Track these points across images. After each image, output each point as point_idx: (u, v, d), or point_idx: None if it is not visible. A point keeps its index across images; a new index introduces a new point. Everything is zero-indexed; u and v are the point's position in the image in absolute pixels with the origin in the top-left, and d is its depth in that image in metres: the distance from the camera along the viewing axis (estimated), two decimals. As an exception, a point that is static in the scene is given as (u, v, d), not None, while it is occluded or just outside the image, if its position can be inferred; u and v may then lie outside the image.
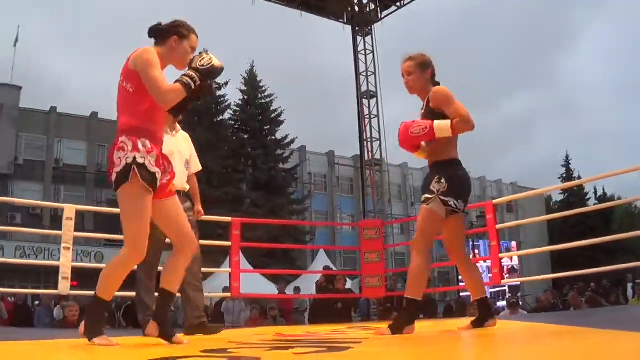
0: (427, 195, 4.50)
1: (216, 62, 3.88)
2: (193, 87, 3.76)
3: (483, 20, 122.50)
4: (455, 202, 4.49)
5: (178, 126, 6.09)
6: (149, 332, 3.86)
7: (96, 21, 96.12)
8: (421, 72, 4.67)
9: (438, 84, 4.69)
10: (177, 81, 3.77)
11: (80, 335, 3.83)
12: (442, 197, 4.43)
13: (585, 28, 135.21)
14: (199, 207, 6.23)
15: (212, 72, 3.88)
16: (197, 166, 6.24)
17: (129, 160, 3.57)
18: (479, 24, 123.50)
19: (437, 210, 4.46)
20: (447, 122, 4.36)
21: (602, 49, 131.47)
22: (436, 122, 4.38)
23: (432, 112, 4.51)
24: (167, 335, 3.81)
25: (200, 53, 3.95)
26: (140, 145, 3.61)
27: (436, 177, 4.49)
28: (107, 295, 3.65)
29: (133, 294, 5.98)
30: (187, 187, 6.01)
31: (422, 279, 4.49)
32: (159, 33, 3.96)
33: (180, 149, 5.91)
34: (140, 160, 3.58)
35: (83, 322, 3.89)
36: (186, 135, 6.22)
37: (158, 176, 3.66)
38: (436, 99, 4.51)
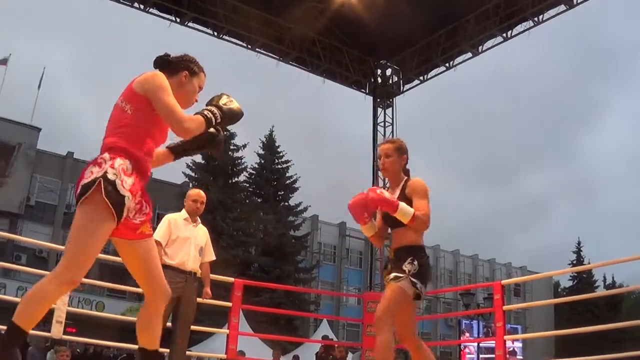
0: (397, 274, 4.52)
1: (236, 106, 3.66)
2: (213, 123, 3.51)
3: (506, 95, 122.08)
4: (422, 285, 4.51)
5: (199, 219, 7.01)
6: None
7: (118, 71, 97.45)
8: (399, 157, 4.84)
9: (408, 171, 4.89)
10: (197, 114, 3.50)
11: None
12: (412, 278, 4.46)
13: (611, 102, 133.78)
14: (207, 289, 7.19)
15: (233, 114, 3.63)
16: (210, 256, 7.10)
17: (99, 175, 3.13)
18: (501, 98, 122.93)
19: (407, 289, 4.47)
20: (411, 211, 4.45)
21: (627, 124, 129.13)
22: (402, 203, 4.46)
23: (406, 199, 4.62)
24: None
25: (220, 93, 3.71)
26: (117, 164, 3.19)
27: (410, 258, 4.53)
28: (25, 324, 2.96)
29: (129, 345, 6.19)
30: (199, 270, 6.91)
31: (391, 355, 4.40)
32: (169, 65, 3.66)
33: (197, 237, 6.88)
34: (111, 177, 3.13)
35: None
36: (205, 229, 7.11)
37: (127, 201, 3.16)
38: (414, 188, 4.65)
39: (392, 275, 4.55)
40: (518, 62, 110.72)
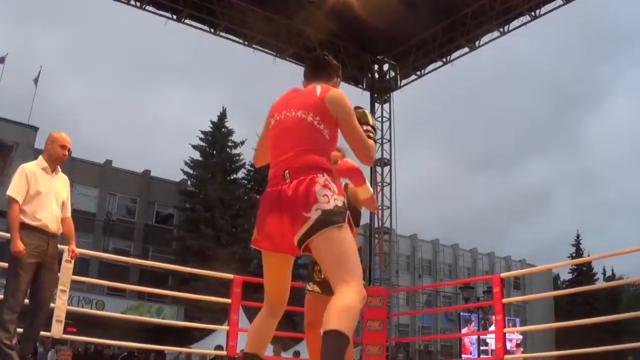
0: None
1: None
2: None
3: (508, 85, 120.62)
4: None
5: (59, 168, 5.99)
6: None
7: (113, 68, 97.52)
8: None
9: None
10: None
11: None
12: None
13: (617, 81, 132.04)
14: (73, 246, 6.09)
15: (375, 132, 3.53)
16: (69, 209, 6.01)
17: (339, 204, 3.10)
18: (503, 88, 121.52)
19: None
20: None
21: (634, 103, 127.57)
22: None
23: None
24: None
25: (363, 109, 3.58)
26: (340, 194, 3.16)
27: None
28: (350, 334, 2.85)
29: (129, 343, 5.92)
30: (60, 229, 5.85)
31: None
32: (326, 68, 3.47)
33: (57, 190, 5.87)
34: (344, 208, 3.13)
35: None
36: (64, 177, 6.06)
37: None
38: None
39: None
40: (519, 50, 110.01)
